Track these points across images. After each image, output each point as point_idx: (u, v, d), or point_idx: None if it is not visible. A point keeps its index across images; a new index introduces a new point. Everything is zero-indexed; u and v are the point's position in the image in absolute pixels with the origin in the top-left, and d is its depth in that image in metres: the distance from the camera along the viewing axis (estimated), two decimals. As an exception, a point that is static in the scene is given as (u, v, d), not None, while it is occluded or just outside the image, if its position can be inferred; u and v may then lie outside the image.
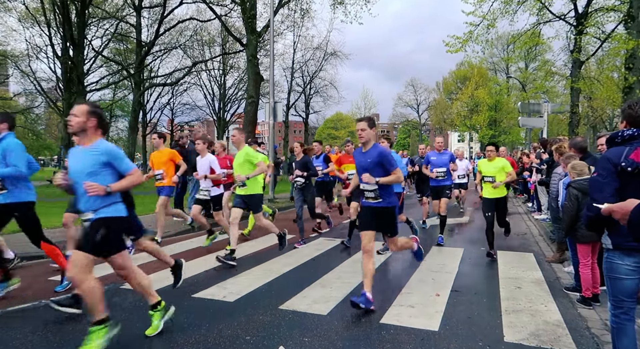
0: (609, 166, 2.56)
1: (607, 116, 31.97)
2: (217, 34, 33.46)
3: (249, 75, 17.44)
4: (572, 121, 16.71)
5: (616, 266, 2.61)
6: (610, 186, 2.52)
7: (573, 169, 4.55)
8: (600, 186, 2.55)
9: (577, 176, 4.49)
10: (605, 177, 2.55)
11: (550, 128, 29.03)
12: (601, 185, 2.55)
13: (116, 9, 25.63)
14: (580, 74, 16.53)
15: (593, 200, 2.51)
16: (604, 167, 2.59)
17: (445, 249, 7.21)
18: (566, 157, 5.05)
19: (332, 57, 37.95)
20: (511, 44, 26.92)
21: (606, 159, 2.61)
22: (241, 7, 17.18)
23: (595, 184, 2.61)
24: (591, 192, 2.62)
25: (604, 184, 2.54)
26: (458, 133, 56.27)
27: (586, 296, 4.41)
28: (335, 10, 22.09)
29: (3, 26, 25.64)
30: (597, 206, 2.31)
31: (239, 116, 39.21)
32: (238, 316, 3.99)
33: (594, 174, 2.67)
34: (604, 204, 2.28)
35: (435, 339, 3.54)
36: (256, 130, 18.27)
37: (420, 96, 61.10)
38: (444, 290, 4.86)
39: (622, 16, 15.01)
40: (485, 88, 43.31)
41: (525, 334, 3.65)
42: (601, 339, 3.58)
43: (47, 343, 3.39)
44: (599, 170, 2.62)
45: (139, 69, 23.80)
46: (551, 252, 6.91)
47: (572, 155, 5.05)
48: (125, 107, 39.64)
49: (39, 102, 34.45)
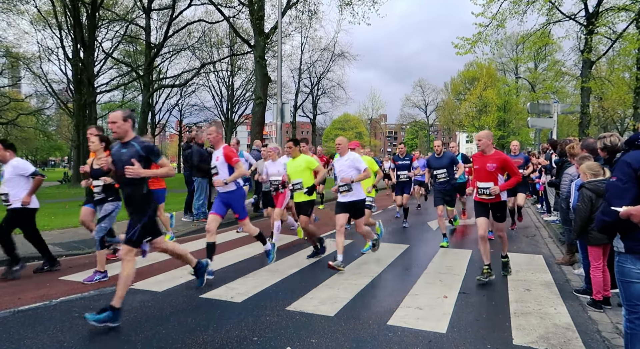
0: (629, 171, 2.41)
1: (618, 116, 31.56)
2: (225, 36, 33.68)
3: (257, 77, 17.52)
4: (583, 121, 16.53)
5: (628, 270, 2.55)
6: (631, 192, 2.38)
7: (589, 169, 4.48)
8: (621, 192, 2.41)
9: (592, 176, 4.42)
10: (625, 182, 2.41)
11: (560, 129, 28.75)
12: (621, 191, 2.41)
13: (126, 11, 25.90)
14: (590, 74, 16.37)
15: (611, 205, 2.42)
16: (624, 172, 2.43)
17: (453, 250, 7.17)
18: (580, 158, 4.97)
19: (339, 58, 38.11)
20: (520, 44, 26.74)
21: (626, 163, 2.45)
22: (249, 8, 17.27)
23: (615, 189, 2.46)
24: (609, 198, 2.47)
25: (624, 191, 2.40)
26: (466, 134, 55.91)
27: (597, 299, 4.35)
28: (343, 11, 22.14)
29: (16, 29, 26.05)
30: (615, 210, 2.26)
31: (246, 116, 39.41)
32: (245, 317, 4.01)
33: (612, 179, 2.52)
34: (622, 207, 2.23)
35: (443, 341, 3.52)
36: (264, 131, 18.31)
37: (428, 97, 60.94)
38: (451, 292, 4.83)
39: (634, 16, 14.83)
40: (494, 88, 43.00)
41: (535, 337, 3.61)
42: (612, 342, 3.53)
43: (58, 343, 3.43)
44: (618, 174, 2.47)
45: (148, 71, 23.99)
46: (561, 254, 6.83)
47: (585, 156, 4.98)
48: (135, 108, 39.98)
49: (50, 103, 34.94)
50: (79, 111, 18.18)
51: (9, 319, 3.94)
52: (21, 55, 28.01)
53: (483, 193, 5.26)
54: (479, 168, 5.30)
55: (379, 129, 75.83)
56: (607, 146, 4.36)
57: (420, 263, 6.24)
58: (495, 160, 5.23)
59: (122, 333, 3.62)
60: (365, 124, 68.78)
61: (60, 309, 4.20)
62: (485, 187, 5.24)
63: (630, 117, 23.75)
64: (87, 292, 4.74)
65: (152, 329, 3.70)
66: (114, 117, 3.93)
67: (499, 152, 5.42)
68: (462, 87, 49.51)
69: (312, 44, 37.34)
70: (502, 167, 5.25)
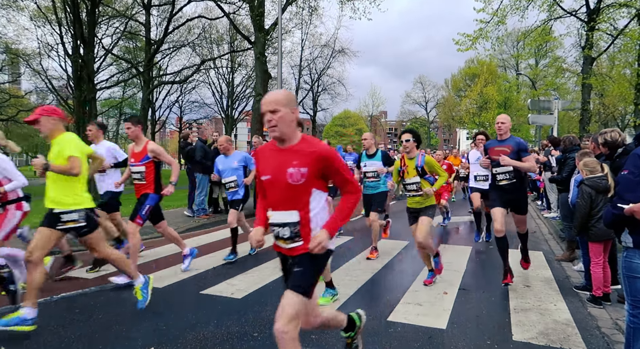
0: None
1: (618, 113, 31.49)
2: (225, 32, 33.54)
3: (257, 73, 17.46)
4: (583, 118, 16.51)
5: (636, 266, 2.53)
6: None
7: (585, 166, 4.48)
8: (632, 185, 2.40)
9: (589, 173, 4.42)
10: (637, 175, 2.40)
11: (561, 126, 28.70)
12: (634, 184, 2.40)
13: (126, 7, 25.80)
14: (591, 71, 16.33)
15: (621, 199, 2.40)
16: (636, 164, 2.42)
17: (453, 247, 7.18)
18: (580, 154, 4.94)
19: (339, 55, 37.90)
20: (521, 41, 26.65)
21: (638, 156, 2.45)
22: (249, 5, 17.19)
23: (626, 182, 2.45)
24: (620, 191, 2.46)
25: (636, 184, 2.39)
26: (467, 130, 55.86)
27: (597, 295, 4.36)
28: (344, 7, 21.96)
29: (15, 25, 25.93)
30: (621, 207, 2.24)
31: (247, 113, 39.35)
32: (246, 313, 4.02)
33: (624, 172, 2.51)
34: (629, 204, 2.22)
35: (443, 337, 3.53)
36: (264, 128, 18.30)
37: (428, 93, 60.84)
38: (451, 288, 4.84)
39: (635, 12, 14.78)
40: (495, 85, 42.94)
41: (534, 333, 3.62)
42: (612, 338, 3.54)
43: (59, 338, 3.44)
44: (630, 167, 2.46)
45: (148, 67, 23.92)
46: (561, 250, 6.84)
47: (586, 152, 4.96)
48: (135, 105, 39.95)
49: (50, 100, 34.82)
50: (78, 107, 18.13)
51: (10, 315, 3.94)
52: (21, 51, 27.92)
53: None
54: None
55: (379, 126, 75.78)
56: (608, 141, 4.35)
57: (421, 260, 6.23)
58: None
59: (123, 329, 3.63)
60: (366, 121, 68.71)
61: (61, 306, 4.21)
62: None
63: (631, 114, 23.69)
64: (87, 288, 4.76)
65: (152, 325, 3.71)
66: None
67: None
68: (462, 83, 49.42)
69: (312, 41, 37.09)
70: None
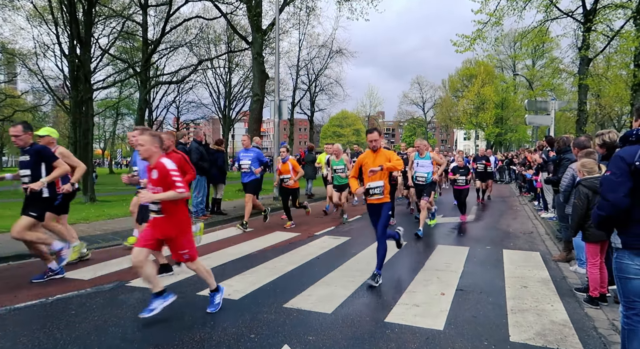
0: (622, 165, 2.47)
1: (615, 113, 31.64)
2: (222, 32, 33.53)
3: (255, 73, 17.45)
4: (580, 118, 16.58)
5: (626, 266, 2.56)
6: (625, 186, 2.44)
7: (583, 167, 4.48)
8: (614, 185, 2.47)
9: (587, 174, 4.42)
10: (618, 176, 2.47)
11: (558, 126, 28.78)
12: (615, 185, 2.47)
13: (123, 7, 25.69)
14: (588, 72, 16.39)
15: (605, 199, 2.45)
16: (617, 166, 2.50)
17: (450, 247, 7.18)
18: (585, 154, 4.92)
19: (337, 55, 37.98)
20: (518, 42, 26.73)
21: (620, 157, 2.52)
22: (247, 5, 17.17)
23: (609, 183, 2.51)
24: (604, 192, 2.53)
25: (617, 184, 2.46)
26: (464, 131, 56.00)
27: (593, 296, 4.37)
28: (341, 8, 21.93)
29: (11, 24, 25.81)
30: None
31: (244, 113, 39.30)
32: (243, 314, 4.00)
33: (607, 173, 2.58)
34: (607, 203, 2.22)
35: (440, 338, 3.53)
36: (261, 128, 18.27)
37: (425, 94, 61.01)
38: (449, 289, 4.84)
39: (632, 13, 14.85)
40: (492, 86, 43.09)
41: (531, 334, 3.62)
42: (608, 339, 3.54)
43: (54, 340, 3.41)
44: (612, 169, 2.53)
45: (145, 67, 23.84)
46: (558, 251, 6.85)
47: (591, 152, 4.95)
48: (131, 105, 39.85)
49: (46, 100, 34.68)
50: (75, 107, 18.02)
51: (5, 317, 3.92)
52: (17, 51, 27.78)
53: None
54: None
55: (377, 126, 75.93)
56: (606, 142, 4.37)
57: (418, 260, 6.25)
58: None
59: (119, 331, 3.60)
60: (363, 121, 68.81)
61: (56, 307, 4.18)
62: None
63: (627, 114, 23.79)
64: (83, 289, 4.73)
65: (149, 326, 3.69)
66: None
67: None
68: (459, 84, 49.59)
69: (309, 41, 37.12)
70: None
